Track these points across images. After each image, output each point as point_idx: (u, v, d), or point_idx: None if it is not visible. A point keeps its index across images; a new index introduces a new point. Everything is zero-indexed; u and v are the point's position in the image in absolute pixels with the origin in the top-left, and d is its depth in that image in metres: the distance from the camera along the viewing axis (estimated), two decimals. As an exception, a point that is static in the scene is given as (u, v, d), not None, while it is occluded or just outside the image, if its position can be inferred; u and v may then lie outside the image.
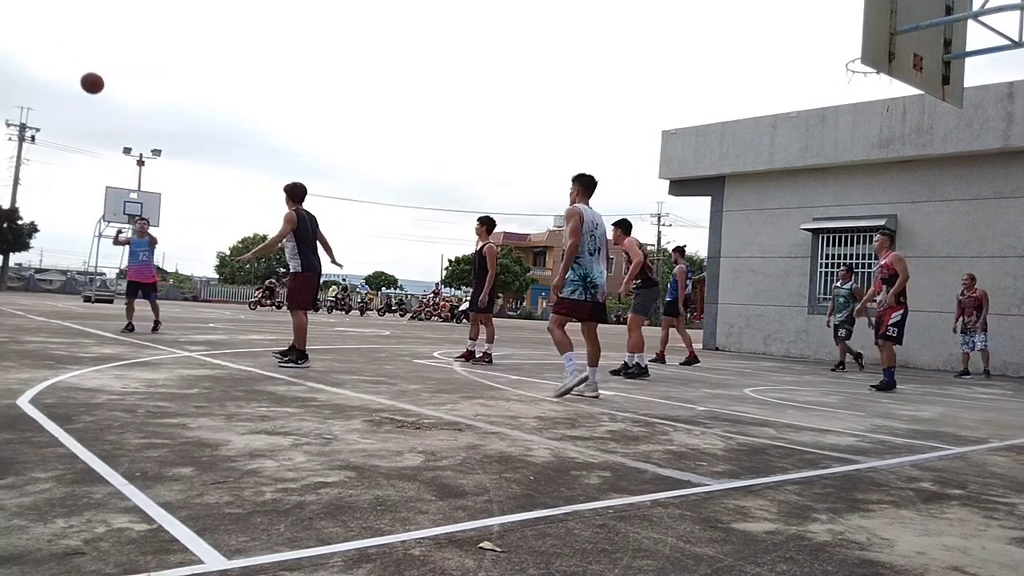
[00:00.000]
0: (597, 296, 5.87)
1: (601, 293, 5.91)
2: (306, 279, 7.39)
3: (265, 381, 5.84)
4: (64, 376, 5.40)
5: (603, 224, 6.06)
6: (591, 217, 5.88)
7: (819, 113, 15.54)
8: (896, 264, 8.40)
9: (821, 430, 4.94)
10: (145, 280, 11.65)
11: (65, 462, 2.85)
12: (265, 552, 1.99)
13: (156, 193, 31.63)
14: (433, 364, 8.38)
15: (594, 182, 6.10)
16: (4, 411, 3.86)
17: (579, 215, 5.79)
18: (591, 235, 5.83)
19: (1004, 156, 13.40)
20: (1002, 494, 3.27)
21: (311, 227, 7.43)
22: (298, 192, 7.48)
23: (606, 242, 6.06)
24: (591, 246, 5.83)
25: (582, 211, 5.82)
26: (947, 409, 6.85)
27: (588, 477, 3.10)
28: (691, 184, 18.20)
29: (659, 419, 4.97)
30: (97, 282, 31.57)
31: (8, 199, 43.13)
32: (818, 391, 7.95)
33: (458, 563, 1.99)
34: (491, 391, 6.07)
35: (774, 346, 16.25)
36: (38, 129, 45.80)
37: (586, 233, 5.80)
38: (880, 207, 14.91)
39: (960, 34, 8.83)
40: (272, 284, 31.36)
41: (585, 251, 5.81)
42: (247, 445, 3.34)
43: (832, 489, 3.17)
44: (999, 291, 13.33)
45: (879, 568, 2.17)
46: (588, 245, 5.81)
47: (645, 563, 2.07)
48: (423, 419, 4.38)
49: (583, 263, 5.82)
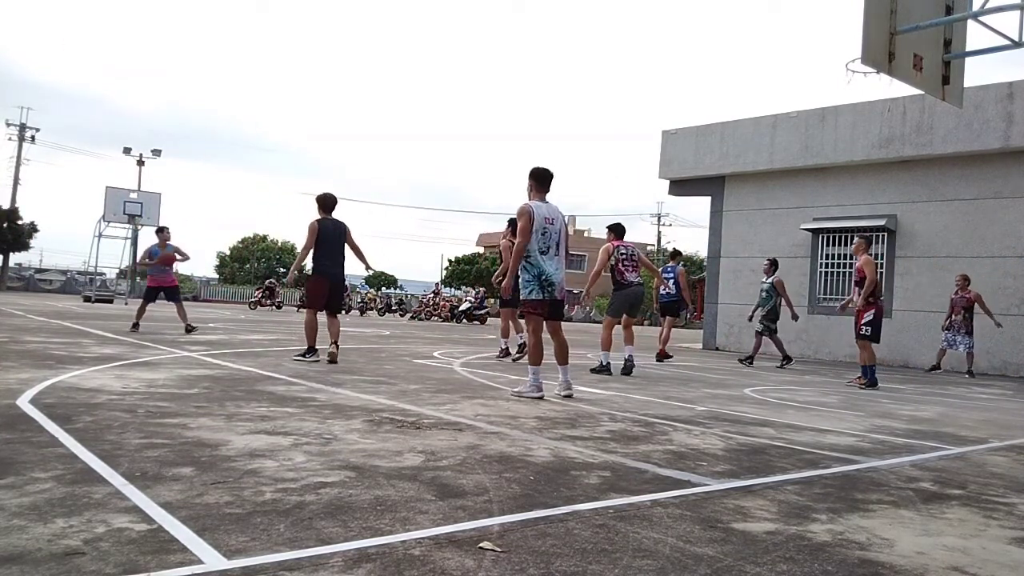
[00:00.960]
0: (555, 293, 5.85)
1: (559, 290, 5.89)
2: (316, 281, 7.94)
3: (265, 381, 5.84)
4: (64, 376, 5.40)
5: (560, 219, 5.97)
6: (544, 214, 5.81)
7: (819, 113, 15.53)
8: (865, 267, 8.80)
9: (821, 430, 4.94)
10: (167, 284, 11.61)
11: (65, 462, 2.85)
12: (265, 552, 1.99)
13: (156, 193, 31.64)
14: (433, 364, 8.38)
15: (548, 175, 6.01)
16: (4, 411, 3.86)
17: (528, 214, 5.74)
18: (542, 233, 5.78)
19: (1004, 156, 13.39)
20: (1002, 494, 3.27)
21: (335, 235, 7.88)
22: (327, 202, 8.04)
23: (565, 236, 5.98)
24: (542, 244, 5.78)
25: (531, 210, 5.76)
26: (947, 409, 6.85)
27: (588, 477, 3.10)
28: (691, 184, 18.19)
29: (659, 419, 4.97)
30: (97, 282, 31.58)
31: (8, 199, 43.21)
32: (818, 391, 7.95)
33: (458, 563, 1.99)
34: (491, 391, 6.07)
35: (774, 346, 16.23)
36: (38, 129, 45.91)
37: (536, 232, 5.75)
38: (880, 207, 14.90)
39: (960, 34, 8.83)
40: (272, 284, 31.37)
41: (535, 250, 5.76)
42: (247, 445, 3.34)
43: (832, 489, 3.17)
44: (999, 291, 13.33)
45: (879, 568, 2.17)
46: (539, 244, 5.77)
47: (645, 563, 2.07)
48: (423, 419, 4.38)
49: (534, 262, 5.78)
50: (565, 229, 6.01)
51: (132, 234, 32.48)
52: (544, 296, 5.81)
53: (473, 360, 9.25)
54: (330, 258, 7.82)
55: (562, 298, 5.97)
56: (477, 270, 51.39)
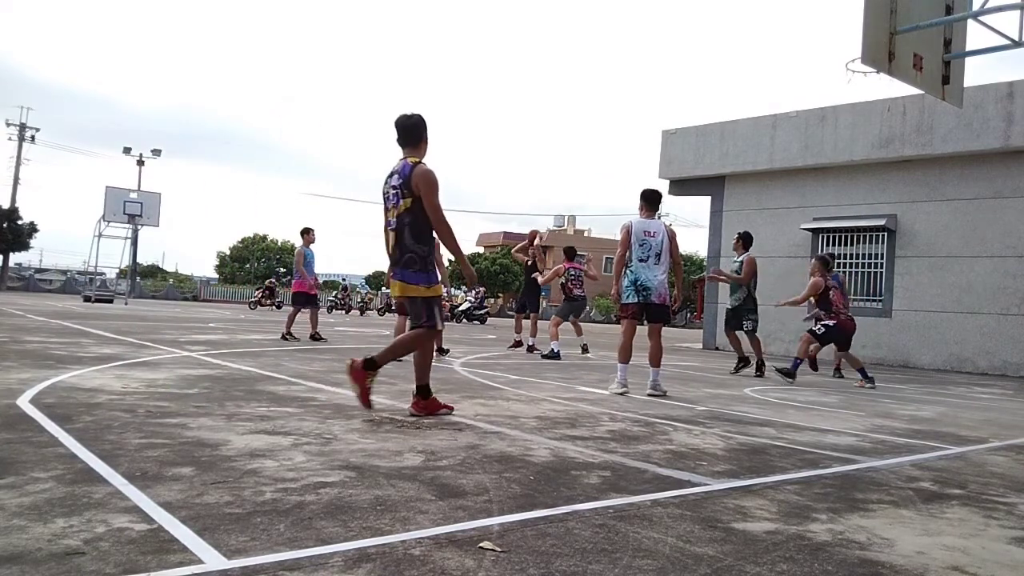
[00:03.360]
0: (650, 297, 6.38)
1: (656, 294, 6.39)
2: None
3: (265, 381, 5.84)
4: (64, 376, 5.40)
5: (662, 232, 6.56)
6: (642, 227, 6.49)
7: (819, 113, 15.54)
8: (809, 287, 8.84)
9: (821, 430, 4.94)
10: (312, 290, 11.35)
11: (65, 462, 2.85)
12: (265, 552, 1.99)
13: (156, 193, 31.69)
14: (433, 364, 8.37)
15: (653, 196, 6.79)
16: (4, 411, 3.86)
17: (626, 228, 6.52)
18: (640, 244, 6.43)
19: (1004, 156, 13.40)
20: (1002, 494, 3.27)
21: None
22: None
23: (666, 245, 6.51)
24: (642, 254, 6.43)
25: (631, 224, 6.52)
26: (947, 409, 6.85)
27: (588, 477, 3.10)
28: (691, 184, 18.20)
29: (659, 419, 4.97)
30: (97, 282, 31.59)
31: (8, 199, 43.22)
32: (818, 391, 7.95)
33: (458, 563, 1.99)
34: (491, 391, 6.07)
35: (774, 346, 16.22)
36: (38, 129, 45.96)
37: (634, 243, 6.44)
38: (880, 207, 14.91)
39: (960, 34, 8.83)
40: (272, 284, 31.38)
41: (635, 258, 6.43)
42: (247, 445, 3.34)
43: (832, 489, 3.17)
44: (999, 291, 13.33)
45: (879, 568, 2.17)
46: (639, 253, 6.43)
47: (645, 563, 2.07)
48: (423, 419, 4.38)
49: (633, 269, 6.45)
50: (669, 241, 6.55)
51: (132, 234, 32.53)
52: (638, 299, 6.42)
53: (473, 360, 9.25)
54: None
55: (661, 303, 6.45)
56: (477, 270, 51.35)
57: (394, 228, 4.56)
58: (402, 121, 4.68)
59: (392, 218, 4.58)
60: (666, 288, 6.48)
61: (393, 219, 4.57)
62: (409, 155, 4.64)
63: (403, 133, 4.68)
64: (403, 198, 4.50)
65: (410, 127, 4.67)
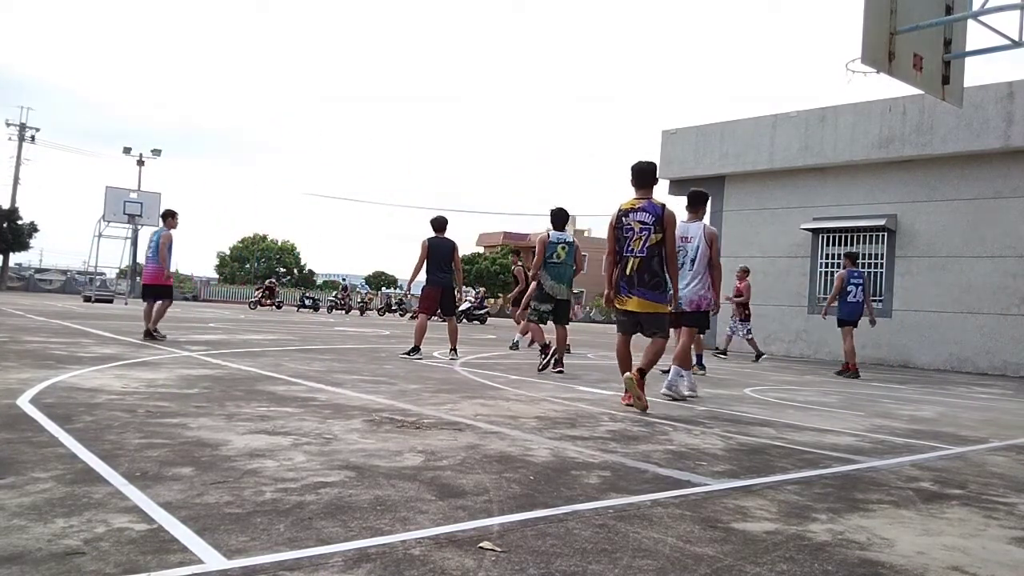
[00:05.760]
0: (680, 304, 6.33)
1: (685, 301, 6.44)
2: (428, 291, 9.26)
3: (265, 381, 5.84)
4: (64, 376, 5.40)
5: (699, 237, 6.63)
6: (679, 232, 6.36)
7: (819, 113, 15.54)
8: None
9: (821, 430, 4.94)
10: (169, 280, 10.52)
11: (65, 462, 2.85)
12: (265, 552, 1.99)
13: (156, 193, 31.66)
14: (433, 364, 8.38)
15: (695, 197, 7.02)
16: (4, 411, 3.86)
17: None
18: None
19: (1004, 156, 13.40)
20: (1002, 494, 3.27)
21: (442, 251, 9.18)
22: (437, 224, 9.32)
23: (702, 251, 6.59)
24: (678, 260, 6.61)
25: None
26: (947, 409, 6.85)
27: (588, 477, 3.10)
28: (691, 184, 18.18)
29: (659, 419, 4.97)
30: (97, 282, 31.62)
31: (8, 199, 43.21)
32: (818, 391, 7.95)
33: (458, 563, 1.99)
34: (491, 391, 6.07)
35: (774, 346, 16.23)
36: (38, 129, 45.94)
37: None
38: (880, 207, 14.91)
39: (960, 34, 8.83)
40: (272, 284, 31.36)
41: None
42: (247, 445, 3.34)
43: (832, 489, 3.17)
44: (999, 291, 13.33)
45: (879, 568, 2.17)
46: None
47: (645, 563, 2.07)
48: (423, 419, 4.38)
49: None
50: (706, 247, 6.61)
51: (132, 234, 32.52)
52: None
53: (473, 360, 9.25)
54: (440, 270, 9.15)
55: (693, 310, 6.57)
56: (477, 270, 51.33)
57: (643, 256, 5.43)
58: (642, 167, 5.62)
59: (638, 247, 5.44)
60: (698, 295, 6.53)
61: (641, 248, 5.43)
62: (644, 195, 5.55)
63: (641, 176, 5.59)
64: (654, 232, 5.39)
65: (649, 173, 5.63)
